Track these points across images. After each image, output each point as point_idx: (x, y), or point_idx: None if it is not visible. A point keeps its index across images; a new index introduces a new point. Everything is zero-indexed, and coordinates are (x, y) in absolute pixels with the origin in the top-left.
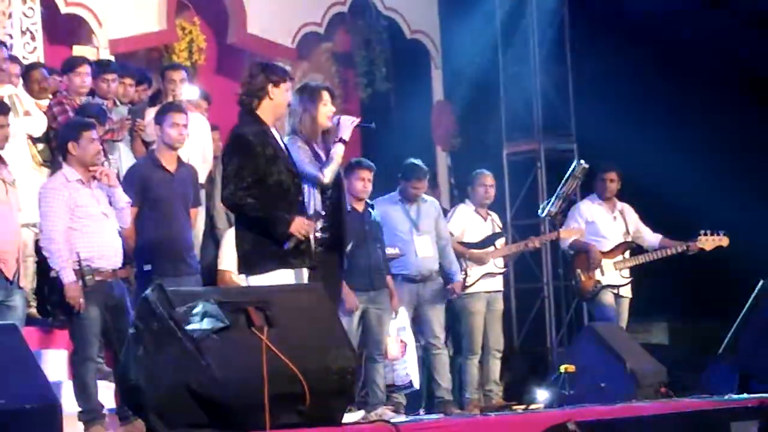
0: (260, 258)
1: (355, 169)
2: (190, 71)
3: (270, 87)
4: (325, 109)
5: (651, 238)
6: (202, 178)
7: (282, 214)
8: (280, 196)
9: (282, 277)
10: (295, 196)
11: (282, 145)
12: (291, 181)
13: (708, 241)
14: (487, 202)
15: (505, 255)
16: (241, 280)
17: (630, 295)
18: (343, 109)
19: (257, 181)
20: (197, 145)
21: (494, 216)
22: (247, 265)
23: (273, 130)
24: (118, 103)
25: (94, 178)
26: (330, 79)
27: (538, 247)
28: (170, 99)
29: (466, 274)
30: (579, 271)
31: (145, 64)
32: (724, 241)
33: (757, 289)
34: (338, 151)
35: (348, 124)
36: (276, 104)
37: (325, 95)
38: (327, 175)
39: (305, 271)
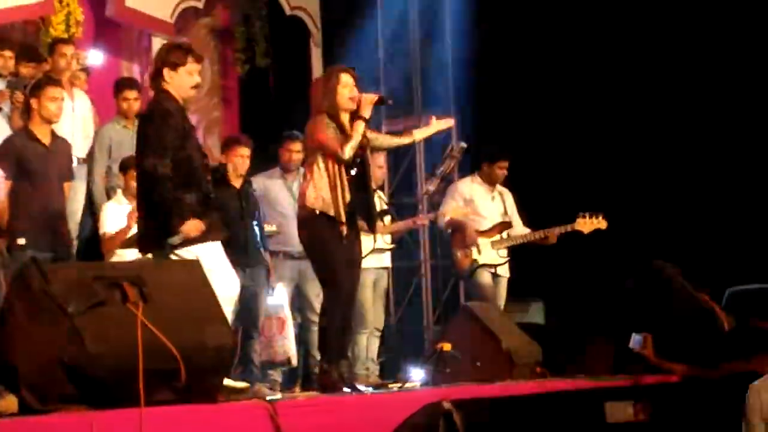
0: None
1: (233, 146)
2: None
3: (166, 70)
4: (345, 91)
5: (519, 230)
6: (82, 153)
7: (183, 210)
8: (189, 173)
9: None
10: (204, 176)
11: (192, 124)
12: (200, 160)
13: (586, 224)
14: (378, 183)
15: (392, 232)
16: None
17: (508, 275)
18: (221, 85)
19: (173, 153)
20: (78, 120)
21: (381, 193)
22: (148, 242)
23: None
24: None
25: None
26: (209, 54)
27: (425, 224)
28: (67, 74)
29: None
30: (455, 249)
31: (21, 36)
32: (603, 224)
33: (633, 269)
34: (358, 128)
35: (368, 102)
36: (176, 86)
37: (344, 77)
38: (346, 151)
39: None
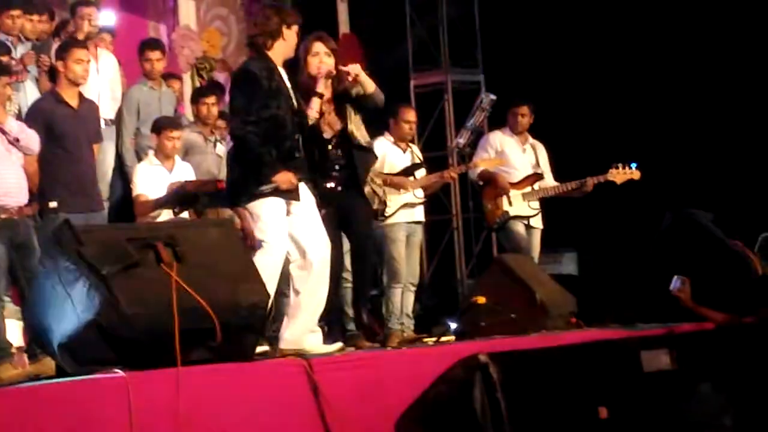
0: (246, 189)
1: None
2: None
3: (284, 28)
4: (314, 60)
5: (550, 182)
6: (110, 114)
7: (274, 161)
8: (274, 131)
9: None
10: (292, 135)
11: (289, 84)
12: (290, 120)
13: (619, 175)
14: (408, 138)
15: (424, 185)
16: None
17: (541, 226)
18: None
19: (257, 112)
20: (106, 82)
21: (414, 148)
22: (235, 195)
23: (281, 69)
24: (23, 39)
25: None
26: (235, 12)
27: (454, 178)
28: (81, 35)
29: (385, 204)
30: (486, 200)
31: None
32: (636, 175)
33: (664, 218)
34: (312, 105)
35: (323, 77)
36: (288, 45)
37: (315, 45)
38: None
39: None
